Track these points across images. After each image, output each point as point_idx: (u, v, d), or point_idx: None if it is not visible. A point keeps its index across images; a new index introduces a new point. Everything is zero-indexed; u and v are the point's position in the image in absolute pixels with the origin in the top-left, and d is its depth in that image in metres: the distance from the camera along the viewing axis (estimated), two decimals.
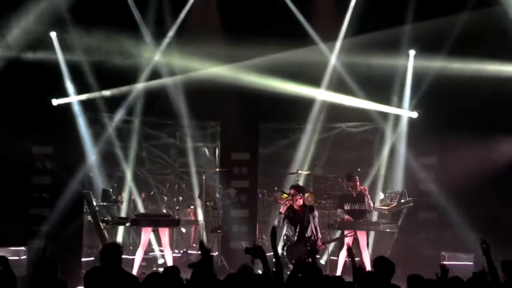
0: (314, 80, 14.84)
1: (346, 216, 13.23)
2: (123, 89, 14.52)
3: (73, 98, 14.36)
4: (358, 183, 13.38)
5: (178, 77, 14.74)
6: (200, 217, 15.00)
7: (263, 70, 14.39)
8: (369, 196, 13.33)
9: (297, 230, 12.34)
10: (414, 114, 14.86)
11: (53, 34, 14.16)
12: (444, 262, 13.52)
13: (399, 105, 14.95)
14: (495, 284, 7.63)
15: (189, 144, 15.66)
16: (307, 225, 12.29)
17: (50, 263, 7.50)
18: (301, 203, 12.39)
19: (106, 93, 14.42)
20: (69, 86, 14.33)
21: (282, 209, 12.46)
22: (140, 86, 14.62)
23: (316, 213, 12.47)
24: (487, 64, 13.88)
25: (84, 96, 14.38)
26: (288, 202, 12.43)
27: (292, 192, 12.44)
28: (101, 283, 7.32)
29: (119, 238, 14.57)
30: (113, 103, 14.63)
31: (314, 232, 12.29)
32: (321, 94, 14.99)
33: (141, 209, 14.83)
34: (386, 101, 14.97)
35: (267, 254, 7.34)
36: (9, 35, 13.60)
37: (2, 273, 7.54)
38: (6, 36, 13.57)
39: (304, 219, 12.32)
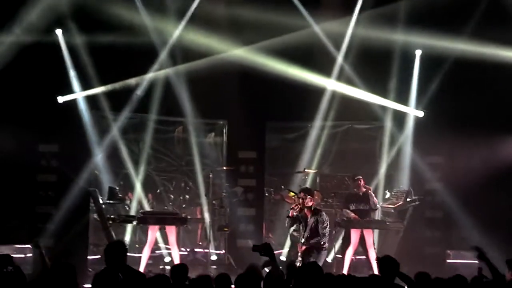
0: (323, 68, 14.76)
1: (352, 215, 13.22)
2: (132, 81, 14.45)
3: (79, 95, 14.32)
4: (362, 183, 13.33)
5: (185, 70, 14.63)
6: (207, 215, 14.98)
7: (271, 53, 14.27)
8: (373, 195, 13.32)
9: (304, 234, 12.11)
10: (420, 113, 14.82)
11: (58, 32, 14.16)
12: (448, 260, 13.66)
13: (395, 97, 14.84)
14: (500, 284, 7.61)
15: (196, 142, 15.62)
16: (311, 228, 12.02)
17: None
18: (310, 205, 12.10)
19: (116, 85, 14.36)
20: (75, 83, 14.30)
21: (291, 214, 12.19)
22: (149, 77, 14.54)
23: (321, 217, 11.99)
24: (497, 50, 13.73)
25: (90, 92, 14.35)
26: (297, 206, 12.15)
27: (302, 195, 12.10)
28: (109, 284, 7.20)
29: (127, 236, 14.57)
30: (119, 100, 14.59)
31: (309, 234, 11.95)
32: (331, 85, 14.88)
33: (146, 207, 14.75)
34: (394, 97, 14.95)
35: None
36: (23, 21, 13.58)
37: (13, 273, 7.49)
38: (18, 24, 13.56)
39: (310, 222, 12.07)
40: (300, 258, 11.84)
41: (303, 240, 12.03)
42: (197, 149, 15.50)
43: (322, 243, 11.88)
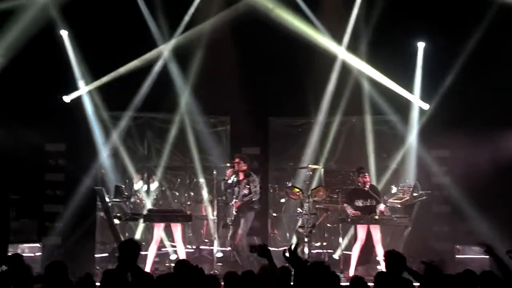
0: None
1: (352, 211, 13.14)
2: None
3: (84, 90, 14.40)
4: (367, 179, 13.30)
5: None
6: (211, 212, 14.96)
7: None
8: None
9: (238, 192, 13.29)
10: (426, 106, 14.77)
11: (64, 33, 14.19)
12: (457, 256, 13.62)
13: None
14: (509, 281, 7.55)
15: (199, 139, 15.60)
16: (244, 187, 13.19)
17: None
18: (244, 169, 13.18)
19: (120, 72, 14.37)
20: (80, 82, 14.35)
21: (227, 176, 13.39)
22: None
23: (252, 177, 13.19)
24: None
25: (94, 85, 14.38)
26: (231, 170, 13.31)
27: (236, 160, 13.27)
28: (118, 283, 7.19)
29: (137, 234, 14.60)
30: (123, 99, 14.61)
31: (247, 192, 13.15)
32: (341, 53, 14.87)
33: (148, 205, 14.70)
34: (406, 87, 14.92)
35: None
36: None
37: (6, 272, 7.44)
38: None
39: (243, 184, 13.17)
40: (235, 213, 13.26)
41: (237, 198, 13.27)
42: (202, 146, 15.50)
43: (253, 200, 13.20)
